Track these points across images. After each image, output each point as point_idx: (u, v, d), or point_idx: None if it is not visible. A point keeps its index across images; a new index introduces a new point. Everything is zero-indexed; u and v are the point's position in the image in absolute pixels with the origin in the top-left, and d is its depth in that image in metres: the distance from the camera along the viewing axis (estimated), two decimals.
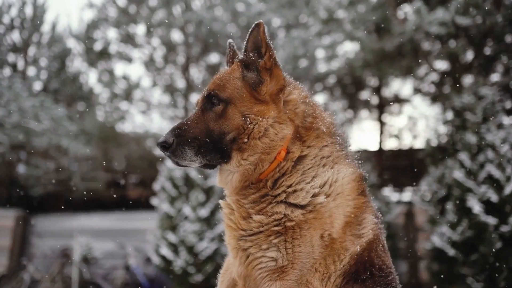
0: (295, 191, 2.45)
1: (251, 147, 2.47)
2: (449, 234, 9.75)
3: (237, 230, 2.52)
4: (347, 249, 2.42)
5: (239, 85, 2.57)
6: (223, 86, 2.58)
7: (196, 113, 2.61)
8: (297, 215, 2.38)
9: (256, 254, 2.43)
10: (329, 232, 2.39)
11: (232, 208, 2.59)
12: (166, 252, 11.68)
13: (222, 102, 2.53)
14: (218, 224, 12.01)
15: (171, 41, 19.29)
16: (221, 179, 2.65)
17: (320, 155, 2.55)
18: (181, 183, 12.25)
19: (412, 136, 17.69)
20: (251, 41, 2.59)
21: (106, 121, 20.21)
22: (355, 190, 2.54)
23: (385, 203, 13.40)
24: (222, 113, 2.52)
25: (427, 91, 16.24)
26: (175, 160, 2.49)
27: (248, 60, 2.62)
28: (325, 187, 2.46)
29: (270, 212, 2.43)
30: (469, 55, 13.41)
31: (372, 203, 2.68)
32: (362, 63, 14.22)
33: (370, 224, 2.53)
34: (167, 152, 2.46)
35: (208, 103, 2.58)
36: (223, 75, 2.67)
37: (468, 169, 9.88)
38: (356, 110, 18.64)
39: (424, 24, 11.44)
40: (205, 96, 2.62)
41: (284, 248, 2.37)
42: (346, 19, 13.69)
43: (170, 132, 2.49)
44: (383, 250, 2.58)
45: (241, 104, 2.52)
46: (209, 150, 2.49)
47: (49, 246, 15.27)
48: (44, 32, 19.28)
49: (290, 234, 2.38)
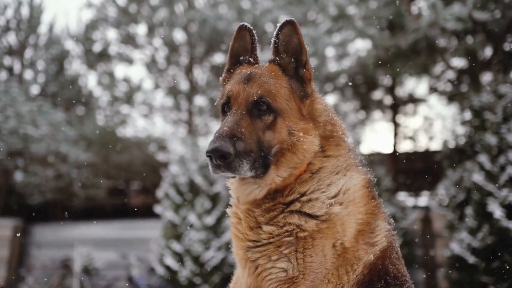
0: (310, 200, 2.44)
1: (287, 161, 2.45)
2: (468, 240, 9.70)
3: (244, 241, 2.51)
4: (360, 258, 2.42)
5: (288, 96, 2.52)
6: (274, 95, 2.48)
7: (244, 117, 2.44)
8: (310, 226, 2.38)
9: (266, 265, 2.42)
10: (341, 241, 2.39)
11: (239, 217, 2.59)
12: (170, 262, 11.70)
13: (273, 113, 2.45)
14: (225, 233, 12.02)
15: (174, 41, 19.36)
16: (242, 190, 2.54)
17: (336, 163, 2.56)
18: (186, 189, 12.28)
19: (428, 137, 17.65)
20: (283, 41, 2.55)
21: (107, 126, 20.32)
22: (366, 197, 2.55)
23: (401, 209, 13.35)
24: (270, 125, 2.44)
25: (444, 90, 16.20)
26: (225, 172, 2.33)
27: (287, 66, 2.59)
28: (339, 196, 2.46)
29: (282, 222, 2.42)
30: (487, 52, 13.37)
31: (383, 208, 2.68)
32: (375, 62, 14.20)
33: (383, 231, 2.53)
34: (223, 162, 2.29)
35: (256, 109, 2.46)
36: (269, 79, 2.54)
37: (488, 171, 9.83)
38: (368, 111, 18.62)
39: (439, 19, 11.42)
40: (254, 101, 2.47)
41: (295, 258, 2.37)
42: (357, 15, 13.69)
43: (228, 140, 2.30)
44: (397, 257, 2.58)
45: (289, 118, 2.48)
46: (260, 165, 2.39)
47: (49, 257, 15.34)
48: (41, 34, 19.43)
49: (302, 244, 2.38)
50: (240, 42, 2.74)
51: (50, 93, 19.55)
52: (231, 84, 2.58)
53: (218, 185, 12.49)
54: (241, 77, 2.56)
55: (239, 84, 2.53)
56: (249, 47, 2.74)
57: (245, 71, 2.60)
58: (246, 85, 2.50)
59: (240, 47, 2.75)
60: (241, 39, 2.73)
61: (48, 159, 18.21)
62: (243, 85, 2.51)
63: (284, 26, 2.51)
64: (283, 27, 2.51)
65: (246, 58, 2.74)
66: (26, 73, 19.48)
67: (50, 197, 18.72)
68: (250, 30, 2.69)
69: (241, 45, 2.75)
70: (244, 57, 2.75)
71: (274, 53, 2.61)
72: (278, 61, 2.59)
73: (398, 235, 2.74)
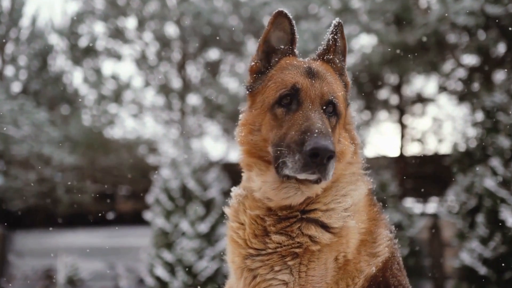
0: (328, 210, 2.45)
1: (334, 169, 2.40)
2: (480, 250, 9.73)
3: (244, 248, 2.51)
4: (362, 270, 2.44)
5: (343, 101, 2.56)
6: (339, 98, 2.51)
7: (324, 117, 2.42)
8: (325, 239, 2.39)
9: (266, 275, 2.42)
10: (344, 253, 2.41)
11: (241, 222, 2.58)
12: (161, 272, 11.70)
13: (336, 116, 2.48)
14: (219, 241, 12.03)
15: (165, 36, 19.37)
16: (280, 193, 2.44)
17: (354, 171, 2.60)
18: (178, 195, 12.29)
19: (437, 140, 17.66)
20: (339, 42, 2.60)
21: (93, 126, 20.28)
22: (368, 205, 2.60)
23: (407, 216, 13.38)
24: (333, 128, 2.45)
25: (454, 89, 16.23)
26: (315, 174, 2.26)
27: (336, 68, 2.64)
28: (351, 208, 2.49)
29: (296, 233, 2.42)
30: (501, 48, 13.41)
31: (383, 214, 2.71)
32: (380, 59, 14.23)
33: (385, 241, 2.55)
34: (326, 163, 2.23)
35: (326, 109, 2.46)
36: (333, 80, 2.56)
37: (500, 177, 9.86)
38: (374, 111, 18.63)
39: (449, 13, 11.46)
40: (328, 101, 2.47)
41: (298, 271, 2.38)
42: (362, 9, 13.74)
43: (330, 139, 2.25)
44: (398, 268, 2.59)
45: (340, 125, 2.53)
46: None
47: (31, 266, 15.33)
48: (23, 27, 19.41)
49: (308, 256, 2.39)
50: (276, 30, 2.68)
51: (32, 91, 19.55)
52: (293, 75, 2.52)
53: (212, 190, 12.50)
54: (302, 70, 2.52)
55: (305, 78, 2.49)
56: (287, 37, 2.69)
57: (302, 64, 2.57)
58: (314, 81, 2.48)
59: (276, 35, 2.70)
60: (277, 26, 2.67)
61: (30, 161, 18.18)
62: (309, 80, 2.48)
63: (339, 26, 2.55)
64: (338, 27, 2.54)
65: (287, 48, 2.70)
66: (6, 69, 19.49)
67: (32, 203, 18.69)
68: (289, 19, 2.64)
69: (277, 33, 2.70)
70: (284, 47, 2.69)
71: (330, 52, 2.62)
72: (332, 61, 2.62)
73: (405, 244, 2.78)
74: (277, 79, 2.55)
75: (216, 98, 18.29)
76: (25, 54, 19.61)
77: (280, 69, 2.59)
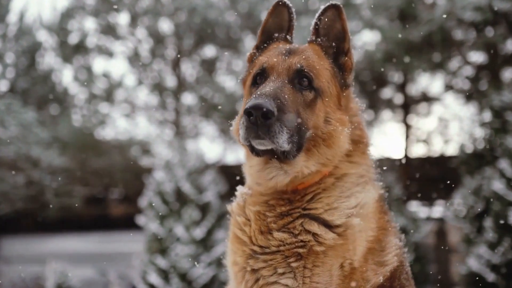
0: (330, 209, 2.46)
1: (320, 154, 2.46)
2: (488, 256, 9.73)
3: (249, 245, 2.50)
4: (369, 280, 2.44)
5: (330, 78, 2.58)
6: (317, 72, 2.52)
7: (286, 86, 2.43)
8: (328, 238, 2.39)
9: (269, 278, 2.42)
10: (350, 260, 2.40)
11: (247, 218, 2.57)
12: (154, 279, 11.68)
13: (313, 90, 2.48)
14: (215, 247, 12.01)
15: (159, 32, 19.35)
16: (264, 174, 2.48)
17: (359, 174, 2.59)
18: (172, 198, 12.27)
19: (443, 141, 17.67)
20: (325, 24, 2.61)
21: (84, 127, 20.26)
22: (378, 212, 2.59)
23: (412, 220, 13.37)
24: (310, 104, 2.46)
25: (461, 87, 16.24)
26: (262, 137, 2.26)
27: (327, 50, 2.66)
28: (356, 209, 2.48)
29: (298, 230, 2.43)
30: (509, 45, 13.43)
31: (393, 222, 2.70)
32: (384, 56, 14.23)
33: (394, 249, 2.55)
34: (264, 123, 2.23)
35: (296, 81, 2.48)
36: (313, 56, 2.58)
37: (509, 179, 9.87)
38: (377, 111, 18.64)
39: (456, 9, 11.47)
40: (296, 70, 2.49)
41: (302, 276, 2.38)
42: (364, 4, 13.74)
43: (272, 99, 2.25)
44: (406, 278, 2.60)
45: (328, 103, 2.52)
46: (296, 141, 2.34)
47: (18, 274, 15.29)
48: (10, 23, 19.37)
49: (312, 259, 2.39)
50: (275, 19, 2.78)
51: (20, 90, 19.50)
52: (268, 55, 2.59)
53: (208, 194, 12.49)
54: (280, 50, 2.60)
55: (278, 56, 2.55)
56: (285, 25, 2.78)
57: (284, 46, 2.65)
58: (287, 57, 2.53)
59: (274, 24, 2.79)
60: (276, 15, 2.77)
61: (17, 164, 18.13)
62: (283, 57, 2.54)
63: (328, 9, 2.59)
64: (326, 10, 2.59)
65: (282, 35, 2.78)
66: None
67: (20, 207, 18.65)
68: (288, 7, 2.74)
69: (276, 22, 2.79)
70: (279, 35, 2.78)
71: (314, 34, 2.66)
72: (319, 42, 2.66)
73: (410, 250, 2.77)
74: (257, 63, 2.62)
75: (212, 97, 18.29)
76: (13, 51, 19.56)
77: (264, 53, 2.67)
